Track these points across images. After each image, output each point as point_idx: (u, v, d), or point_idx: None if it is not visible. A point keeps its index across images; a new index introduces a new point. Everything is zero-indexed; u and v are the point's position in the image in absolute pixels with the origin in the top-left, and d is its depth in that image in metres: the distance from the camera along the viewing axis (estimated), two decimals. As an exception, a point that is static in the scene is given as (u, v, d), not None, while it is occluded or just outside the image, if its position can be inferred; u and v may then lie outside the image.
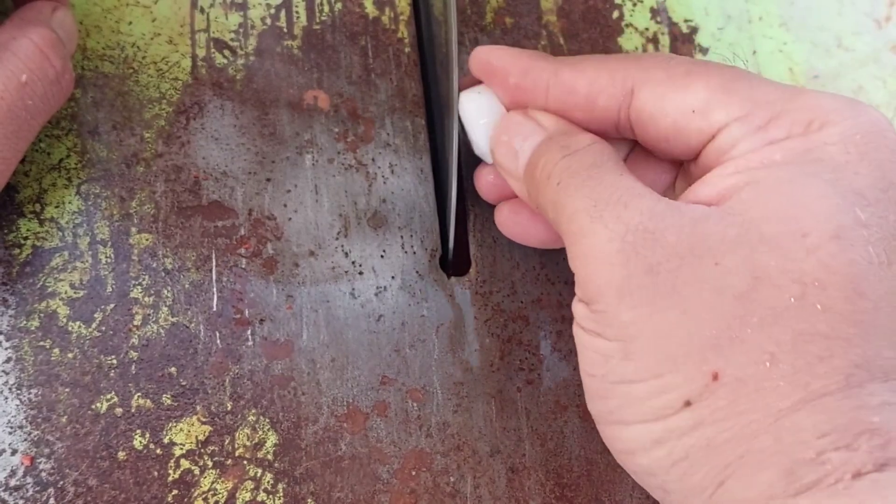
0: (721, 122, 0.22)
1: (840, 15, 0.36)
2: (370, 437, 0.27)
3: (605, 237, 0.21)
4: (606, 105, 0.24)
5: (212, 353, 0.27)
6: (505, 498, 0.27)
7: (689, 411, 0.20)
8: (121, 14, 0.30)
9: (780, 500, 0.19)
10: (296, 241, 0.29)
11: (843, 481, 0.18)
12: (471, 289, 0.30)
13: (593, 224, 0.21)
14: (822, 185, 0.20)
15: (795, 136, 0.21)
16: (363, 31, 0.31)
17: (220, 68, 0.30)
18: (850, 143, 0.21)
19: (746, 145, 0.22)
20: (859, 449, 0.18)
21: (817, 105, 0.22)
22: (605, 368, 0.21)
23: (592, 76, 0.24)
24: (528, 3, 0.33)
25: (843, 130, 0.21)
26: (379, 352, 0.28)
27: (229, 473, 0.26)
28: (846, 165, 0.21)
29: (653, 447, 0.21)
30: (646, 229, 0.20)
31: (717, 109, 0.22)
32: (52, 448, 0.25)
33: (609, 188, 0.22)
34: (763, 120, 0.22)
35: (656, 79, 0.23)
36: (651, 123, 0.24)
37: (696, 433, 0.20)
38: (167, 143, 0.29)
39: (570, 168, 0.23)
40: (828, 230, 0.20)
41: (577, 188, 0.22)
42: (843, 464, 0.18)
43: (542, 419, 0.29)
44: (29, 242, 0.27)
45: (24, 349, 0.26)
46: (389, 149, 0.30)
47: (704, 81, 0.23)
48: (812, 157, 0.21)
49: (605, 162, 0.23)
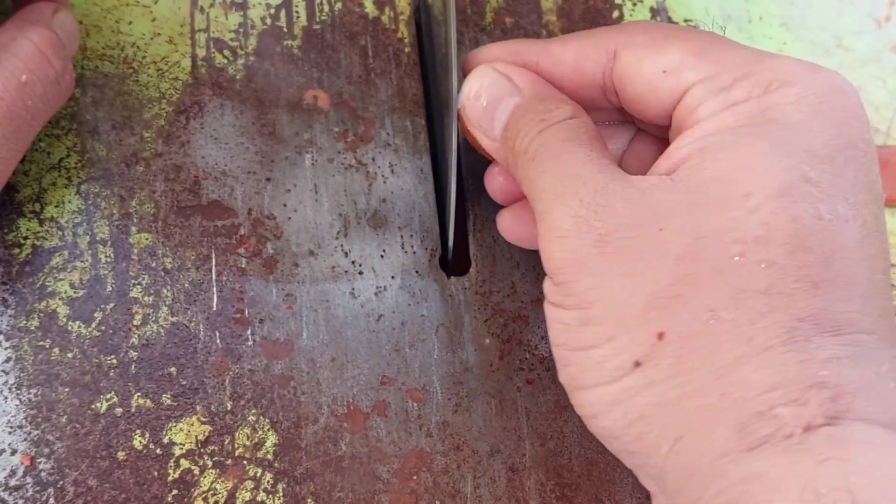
0: (689, 83, 0.23)
1: (840, 15, 0.36)
2: (370, 437, 0.27)
3: (563, 212, 0.22)
4: (592, 70, 0.25)
5: (212, 352, 0.27)
6: (505, 498, 0.27)
7: (640, 371, 0.21)
8: (121, 14, 0.30)
9: (734, 454, 0.19)
10: (295, 240, 0.29)
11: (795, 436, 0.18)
12: (471, 289, 0.30)
13: (554, 200, 0.22)
14: (767, 145, 0.21)
15: (754, 97, 0.22)
16: (363, 31, 0.31)
17: (220, 68, 0.30)
18: (805, 103, 0.21)
19: (709, 106, 0.22)
20: (809, 403, 0.19)
21: (780, 66, 0.22)
22: (566, 336, 0.22)
23: (579, 45, 0.25)
24: (528, 3, 0.33)
25: (801, 91, 0.22)
26: (379, 351, 0.28)
27: (229, 473, 0.26)
28: (799, 124, 0.21)
29: (610, 409, 0.21)
30: (598, 203, 0.21)
31: (686, 70, 0.23)
32: (51, 448, 0.25)
33: (574, 164, 0.22)
34: (727, 81, 0.22)
35: (637, 42, 0.24)
36: (629, 84, 0.24)
37: (647, 392, 0.21)
38: (167, 143, 0.29)
39: (545, 143, 0.23)
40: (769, 188, 0.20)
41: (548, 164, 0.23)
42: (793, 418, 0.19)
43: (542, 419, 0.29)
44: (29, 242, 0.27)
45: (23, 349, 0.26)
46: (389, 148, 0.30)
47: (680, 44, 0.23)
48: (765, 117, 0.21)
49: (579, 136, 0.23)
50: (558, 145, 0.23)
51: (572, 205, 0.22)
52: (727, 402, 0.19)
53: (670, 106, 0.24)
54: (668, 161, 0.22)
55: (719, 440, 0.19)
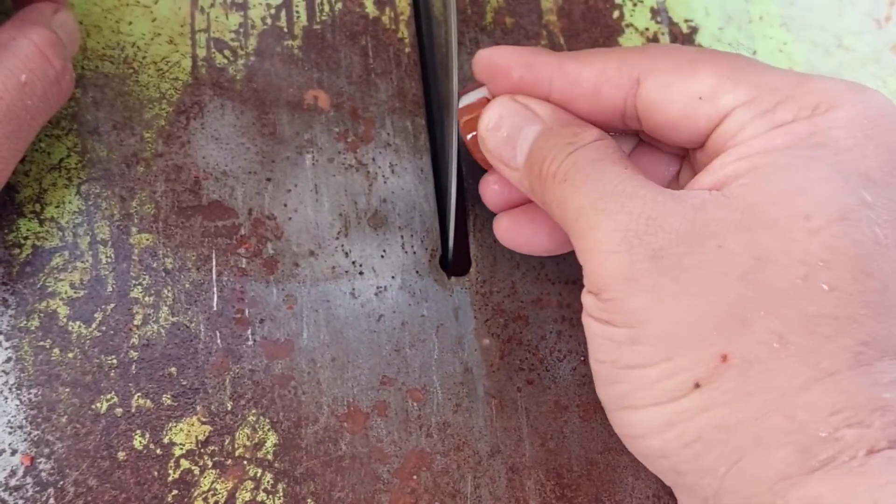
0: (728, 107, 0.22)
1: (840, 15, 0.36)
2: (370, 437, 0.27)
3: (610, 227, 0.21)
4: (612, 95, 0.24)
5: (212, 352, 0.27)
6: (505, 498, 0.27)
7: (699, 393, 0.20)
8: (121, 14, 0.30)
9: (796, 477, 0.19)
10: (296, 240, 0.29)
11: (857, 458, 0.18)
12: (471, 289, 0.30)
13: (598, 216, 0.21)
14: (825, 169, 0.21)
15: (801, 119, 0.22)
16: (363, 31, 0.31)
17: (220, 68, 0.30)
18: (857, 127, 0.21)
19: (753, 129, 0.22)
20: (872, 426, 0.19)
21: (824, 89, 0.22)
22: (616, 354, 0.22)
23: (597, 67, 0.24)
24: (529, 3, 0.33)
25: (850, 114, 0.21)
26: (379, 351, 0.28)
27: (229, 473, 0.26)
28: (852, 149, 0.21)
29: (664, 429, 0.21)
30: (648, 217, 0.21)
31: (724, 95, 0.23)
32: (52, 448, 0.25)
33: (613, 181, 0.22)
34: (770, 104, 0.22)
35: (662, 67, 0.23)
36: (658, 112, 0.24)
37: (706, 414, 0.20)
38: (167, 143, 0.29)
39: (577, 164, 0.23)
40: (831, 212, 0.20)
41: (582, 183, 0.22)
42: (856, 441, 0.18)
43: (543, 419, 0.29)
44: (29, 242, 0.27)
45: (24, 349, 0.26)
46: (389, 149, 0.30)
47: (711, 68, 0.23)
48: (816, 140, 0.21)
49: (610, 156, 0.23)
50: (591, 165, 0.23)
51: (620, 219, 0.21)
52: (792, 425, 0.19)
53: (706, 132, 0.23)
54: (713, 176, 0.22)
55: (780, 463, 0.19)
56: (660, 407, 0.21)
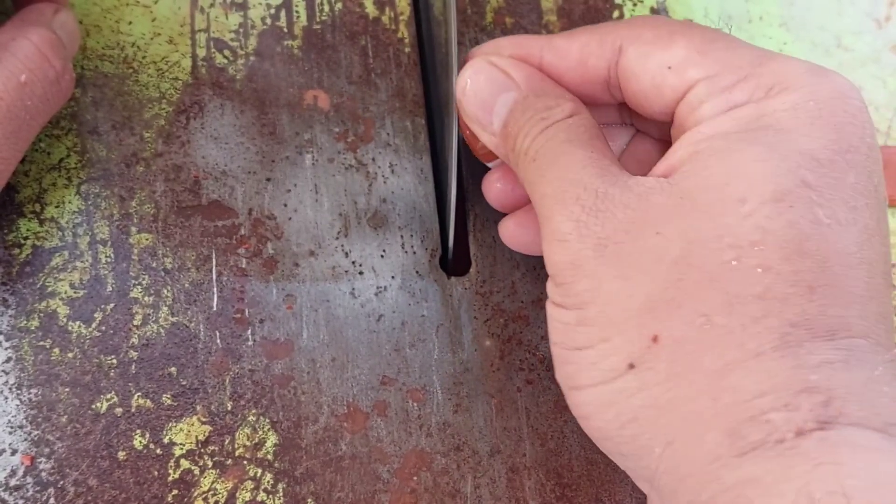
0: (692, 80, 0.23)
1: (840, 15, 0.36)
2: (370, 437, 0.27)
3: (564, 217, 0.22)
4: (596, 65, 0.25)
5: (212, 352, 0.27)
6: (505, 498, 0.27)
7: (633, 373, 0.21)
8: (121, 14, 0.30)
9: (726, 459, 0.19)
10: (296, 240, 0.29)
11: (787, 440, 0.18)
12: (471, 289, 0.30)
13: (556, 206, 0.22)
14: (762, 150, 0.21)
15: (754, 101, 0.22)
16: (363, 31, 0.31)
17: (220, 68, 0.30)
18: (802, 109, 0.21)
19: (709, 107, 0.22)
20: (800, 408, 0.19)
21: (782, 70, 0.22)
22: (564, 335, 0.22)
23: (584, 40, 0.25)
24: (529, 3, 0.33)
25: (798, 97, 0.22)
26: (379, 351, 0.28)
27: (229, 473, 0.26)
28: (795, 129, 0.21)
29: (604, 409, 0.22)
30: (597, 208, 0.22)
31: (690, 67, 0.23)
32: (52, 448, 0.25)
33: (574, 167, 0.23)
34: (730, 82, 0.22)
35: (643, 38, 0.24)
36: (633, 80, 0.24)
37: (641, 394, 0.21)
38: (167, 143, 0.29)
39: (546, 144, 0.23)
40: (765, 193, 0.20)
41: (548, 168, 0.23)
42: (784, 423, 0.19)
43: (543, 419, 0.29)
44: (29, 242, 0.27)
45: (24, 349, 0.26)
46: (389, 149, 0.30)
47: (685, 40, 0.23)
48: (760, 123, 0.21)
49: (580, 136, 0.23)
50: (558, 147, 0.23)
51: (574, 210, 0.22)
52: (718, 406, 0.19)
53: (673, 102, 0.24)
54: (665, 163, 0.23)
55: (710, 445, 0.19)
56: (599, 387, 0.21)
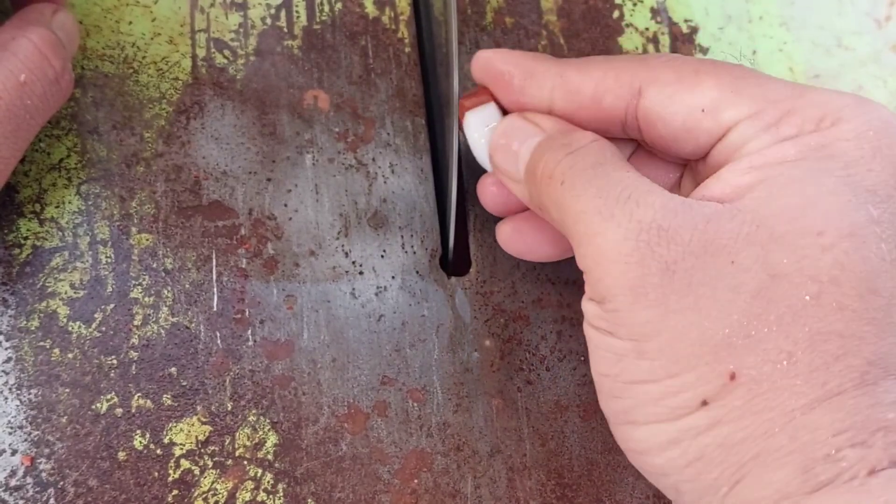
0: (731, 121, 0.22)
1: (840, 15, 0.36)
2: (371, 437, 0.27)
3: (620, 236, 0.21)
4: (613, 105, 0.24)
5: (212, 353, 0.27)
6: (505, 498, 0.27)
7: (706, 411, 0.20)
8: (121, 14, 0.30)
9: (796, 497, 0.19)
10: (296, 240, 0.29)
11: (858, 478, 0.18)
12: (471, 289, 0.30)
13: (605, 223, 0.21)
14: (835, 182, 0.20)
15: (807, 133, 0.21)
16: (363, 31, 0.31)
17: (220, 68, 0.30)
18: (864, 139, 0.21)
19: (757, 143, 0.22)
20: (874, 446, 0.18)
21: (827, 102, 0.22)
22: (619, 368, 0.21)
23: (598, 76, 0.24)
24: (529, 3, 0.33)
25: (856, 127, 0.21)
26: (379, 352, 0.28)
27: (229, 473, 0.26)
28: (859, 161, 0.21)
29: (667, 447, 0.21)
30: (660, 227, 0.20)
31: (726, 108, 0.22)
32: (52, 448, 0.25)
33: (617, 185, 0.21)
34: (774, 118, 0.22)
35: (664, 79, 0.23)
36: (660, 123, 0.23)
37: (711, 433, 0.20)
38: (167, 143, 0.29)
39: (574, 167, 0.22)
40: (842, 228, 0.20)
41: (584, 187, 0.22)
42: (858, 461, 0.18)
43: (543, 419, 0.29)
44: (29, 242, 0.27)
45: (24, 349, 0.26)
46: (389, 148, 0.30)
47: (713, 80, 0.23)
48: (825, 153, 0.21)
49: (610, 159, 0.23)
50: (589, 169, 0.22)
51: (630, 227, 0.20)
52: (795, 445, 0.19)
53: (707, 145, 0.23)
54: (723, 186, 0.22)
55: (781, 483, 0.19)
56: (664, 424, 0.21)
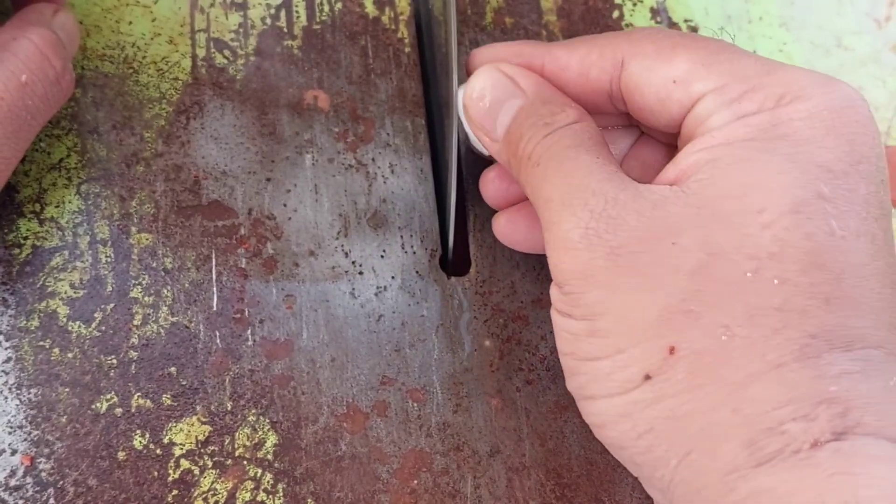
0: (699, 93, 0.23)
1: (840, 15, 0.36)
2: (370, 437, 0.27)
3: (572, 224, 0.22)
4: (598, 78, 0.25)
5: (212, 352, 0.27)
6: (505, 498, 0.27)
7: (650, 384, 0.21)
8: (121, 14, 0.30)
9: (743, 470, 0.19)
10: (296, 240, 0.29)
11: (802, 451, 0.18)
12: (471, 289, 0.30)
13: (563, 211, 0.22)
14: (781, 161, 0.21)
15: (766, 110, 0.22)
16: (363, 31, 0.31)
17: (220, 68, 0.30)
18: (817, 119, 0.21)
19: (719, 118, 0.22)
20: (818, 418, 0.19)
21: (791, 80, 0.22)
22: (574, 346, 0.22)
23: (584, 52, 0.25)
24: (528, 3, 0.33)
25: (812, 105, 0.21)
26: (379, 351, 0.28)
27: (229, 473, 0.26)
28: (811, 140, 0.21)
29: (619, 420, 0.21)
30: (609, 215, 0.21)
31: (696, 81, 0.23)
32: (51, 448, 0.25)
33: (580, 172, 0.22)
34: (737, 93, 0.22)
35: (645, 51, 0.24)
36: (637, 94, 0.24)
37: (657, 406, 0.21)
38: (167, 143, 0.29)
39: (550, 149, 0.23)
40: (783, 204, 0.20)
41: (554, 172, 0.23)
42: (801, 433, 0.19)
43: (542, 419, 0.29)
44: (29, 242, 0.27)
45: (24, 349, 0.26)
46: (389, 149, 0.30)
47: (687, 54, 0.23)
48: (776, 132, 0.21)
49: (584, 142, 0.23)
50: (563, 152, 0.23)
51: (582, 216, 0.21)
52: (738, 418, 0.19)
53: (679, 116, 0.23)
54: (676, 169, 0.22)
55: (728, 456, 0.19)
56: (614, 398, 0.21)
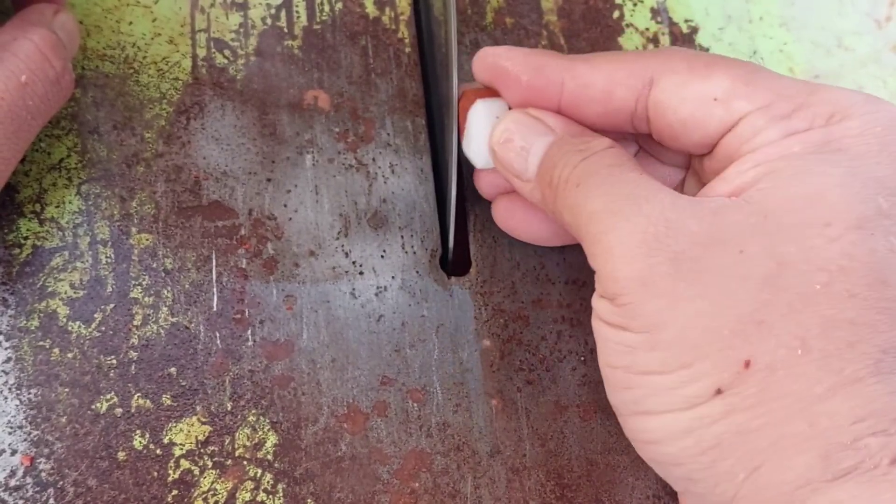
0: (742, 111, 0.22)
1: (840, 15, 0.36)
2: (370, 438, 0.27)
3: (627, 230, 0.21)
4: (624, 97, 0.24)
5: (212, 353, 0.27)
6: (505, 498, 0.27)
7: (721, 399, 0.20)
8: (121, 14, 0.30)
9: (817, 484, 0.19)
10: (296, 241, 0.29)
11: (880, 467, 0.18)
12: (471, 289, 0.30)
13: (614, 219, 0.21)
14: (842, 175, 0.21)
15: (817, 127, 0.22)
16: (363, 31, 0.31)
17: (220, 68, 0.30)
18: (870, 135, 0.21)
19: (768, 135, 0.22)
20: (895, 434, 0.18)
21: (838, 99, 0.22)
22: (630, 359, 0.21)
23: (609, 69, 0.24)
24: (529, 3, 0.33)
25: (863, 123, 0.21)
26: (379, 352, 0.28)
27: (229, 474, 0.26)
28: (866, 155, 0.21)
29: (681, 436, 0.21)
30: (667, 220, 0.21)
31: (739, 98, 0.22)
32: (51, 448, 0.25)
33: (628, 185, 0.22)
34: (785, 111, 0.22)
35: (677, 69, 0.23)
36: (670, 112, 0.24)
37: (727, 420, 0.20)
38: (167, 143, 0.29)
39: (590, 168, 0.23)
40: (849, 219, 0.20)
41: (597, 187, 0.22)
42: (880, 449, 0.18)
43: (542, 419, 0.29)
44: (29, 242, 0.27)
45: (23, 349, 0.26)
46: (389, 149, 0.30)
47: (726, 72, 0.23)
48: (831, 147, 0.21)
49: (624, 162, 0.23)
50: (605, 170, 0.22)
51: (638, 221, 0.21)
52: (814, 431, 0.19)
53: (716, 134, 0.23)
54: (728, 184, 0.22)
55: (801, 469, 0.19)
56: (678, 413, 0.21)
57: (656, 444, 0.22)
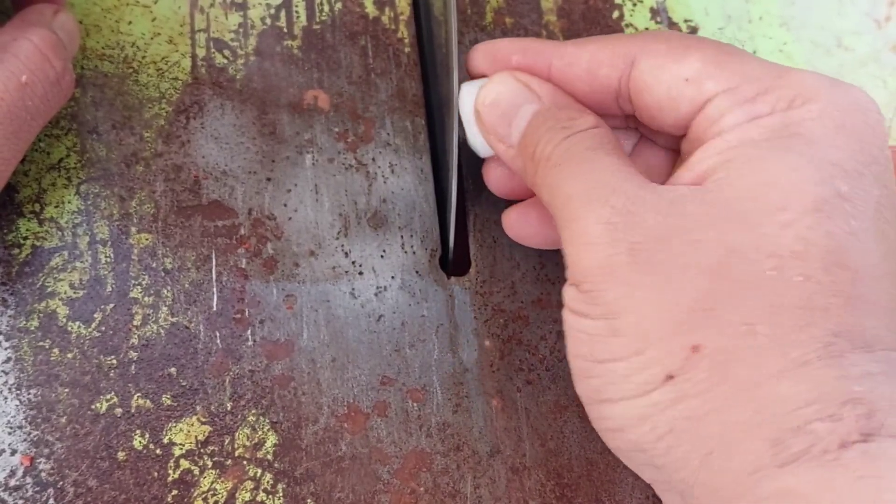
0: (711, 92, 0.23)
1: (840, 15, 0.36)
2: (370, 438, 0.27)
3: (592, 220, 0.21)
4: (606, 75, 0.25)
5: (212, 353, 0.27)
6: (505, 498, 0.27)
7: (671, 385, 0.20)
8: (121, 14, 0.30)
9: (767, 470, 0.19)
10: (296, 240, 0.29)
11: (830, 451, 0.18)
12: (471, 289, 0.30)
13: (582, 208, 0.22)
14: (796, 159, 0.21)
15: (778, 111, 0.22)
16: (363, 31, 0.31)
17: (220, 68, 0.30)
18: (828, 118, 0.21)
19: (732, 118, 0.22)
20: (844, 419, 0.18)
21: (802, 82, 0.22)
22: (590, 347, 0.22)
23: (594, 49, 0.25)
24: (528, 3, 0.33)
25: (822, 106, 0.22)
26: (379, 352, 0.28)
27: (229, 473, 0.26)
28: (822, 138, 0.21)
29: (638, 423, 0.21)
30: (628, 211, 0.21)
31: (707, 79, 0.23)
32: (51, 448, 0.25)
33: (604, 172, 0.22)
34: (750, 94, 0.22)
35: (657, 50, 0.24)
36: (647, 92, 0.24)
37: (678, 406, 0.20)
38: (167, 143, 0.29)
39: (570, 150, 0.23)
40: (805, 203, 0.20)
41: (573, 172, 0.23)
42: (828, 434, 0.18)
43: (542, 419, 0.29)
44: (28, 242, 0.27)
45: (23, 349, 0.26)
46: (389, 148, 0.30)
47: (700, 53, 0.23)
48: (789, 132, 0.21)
49: (604, 145, 0.23)
50: (584, 153, 0.23)
51: (603, 212, 0.21)
52: (762, 416, 0.19)
53: (689, 115, 0.23)
54: (691, 172, 0.22)
55: (752, 455, 0.19)
56: (633, 400, 0.21)
57: (619, 432, 0.22)
